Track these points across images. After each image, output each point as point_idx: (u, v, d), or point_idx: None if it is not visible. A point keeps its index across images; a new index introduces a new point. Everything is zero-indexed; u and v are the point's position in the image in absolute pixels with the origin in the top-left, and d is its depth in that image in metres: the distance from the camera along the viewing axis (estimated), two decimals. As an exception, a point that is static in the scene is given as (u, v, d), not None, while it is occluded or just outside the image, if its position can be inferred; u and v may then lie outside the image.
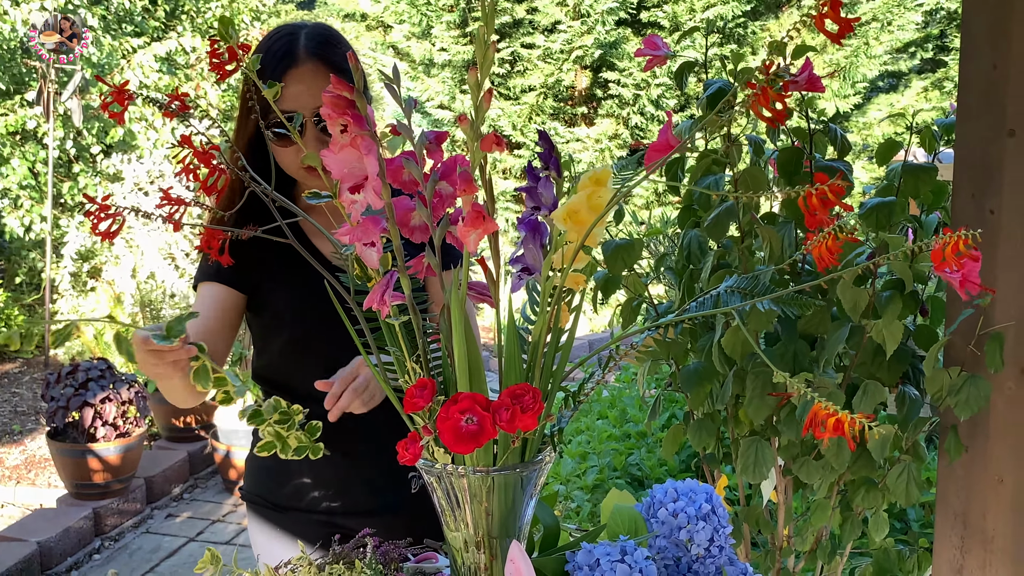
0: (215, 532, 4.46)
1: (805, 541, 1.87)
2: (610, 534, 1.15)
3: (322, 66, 1.63)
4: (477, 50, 0.92)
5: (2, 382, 6.48)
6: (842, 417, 0.83)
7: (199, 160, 1.15)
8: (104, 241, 1.17)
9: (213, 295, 1.72)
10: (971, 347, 1.61)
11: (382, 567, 1.19)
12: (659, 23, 10.42)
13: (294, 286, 1.71)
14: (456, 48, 10.50)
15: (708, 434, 1.86)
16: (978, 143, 1.65)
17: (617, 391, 5.21)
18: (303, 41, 1.64)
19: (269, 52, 1.63)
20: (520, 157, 10.35)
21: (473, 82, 0.93)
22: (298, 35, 1.65)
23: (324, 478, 1.78)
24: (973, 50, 1.65)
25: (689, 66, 1.82)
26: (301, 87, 1.60)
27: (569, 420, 1.08)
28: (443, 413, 0.86)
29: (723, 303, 0.99)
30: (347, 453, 1.73)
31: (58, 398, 4.30)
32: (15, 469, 4.96)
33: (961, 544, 1.72)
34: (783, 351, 1.70)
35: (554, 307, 1.00)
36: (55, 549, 4.00)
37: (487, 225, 0.93)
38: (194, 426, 5.25)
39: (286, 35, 1.65)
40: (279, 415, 1.09)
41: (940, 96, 11.05)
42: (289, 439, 1.14)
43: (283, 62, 1.60)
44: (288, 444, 1.14)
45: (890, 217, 1.64)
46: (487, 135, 0.93)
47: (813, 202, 0.83)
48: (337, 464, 1.70)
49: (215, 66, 1.17)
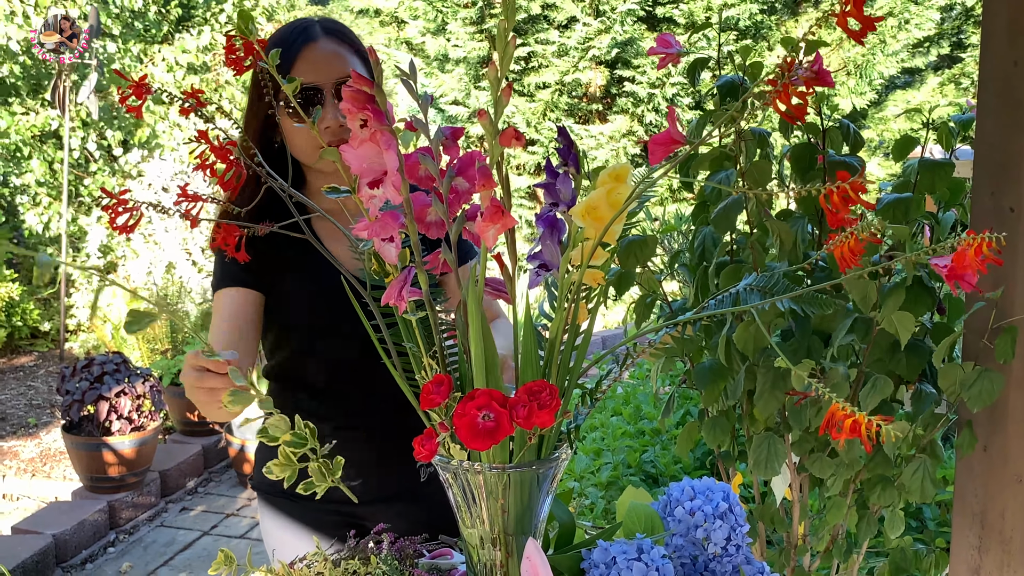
0: (229, 526, 4.48)
1: (821, 539, 1.86)
2: (626, 532, 1.14)
3: (337, 41, 1.67)
4: (498, 45, 0.92)
5: (17, 375, 6.51)
6: (859, 419, 0.82)
7: (216, 155, 1.15)
8: (121, 235, 1.17)
9: (235, 299, 1.71)
10: (984, 341, 1.61)
11: (397, 562, 1.19)
12: (674, 19, 10.40)
13: (308, 283, 1.72)
14: (471, 44, 10.49)
15: (723, 431, 1.85)
16: (998, 140, 1.64)
17: (631, 388, 5.20)
18: (318, 24, 1.69)
19: (284, 33, 1.67)
20: (534, 154, 10.34)
21: (493, 77, 0.92)
22: (312, 21, 1.70)
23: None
24: (993, 46, 1.64)
25: (702, 62, 1.81)
26: (319, 59, 1.63)
27: (586, 417, 1.07)
28: (460, 409, 0.86)
29: (743, 301, 0.98)
30: (362, 438, 1.74)
31: (73, 392, 4.32)
32: (30, 462, 4.99)
33: (979, 544, 1.71)
34: (796, 347, 1.69)
35: (573, 304, 0.99)
36: (70, 542, 4.02)
37: (506, 220, 0.93)
38: (208, 420, 5.26)
39: (300, 21, 1.70)
40: (293, 436, 1.03)
41: (956, 92, 10.99)
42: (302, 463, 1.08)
43: (300, 39, 1.64)
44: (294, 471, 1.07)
45: (907, 213, 1.63)
46: (506, 130, 0.93)
47: (835, 200, 0.82)
48: (348, 450, 1.70)
49: (231, 61, 1.17)
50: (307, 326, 1.75)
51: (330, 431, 1.71)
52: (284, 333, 1.79)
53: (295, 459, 1.03)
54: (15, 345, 7.06)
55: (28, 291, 7.13)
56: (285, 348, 1.80)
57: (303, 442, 1.02)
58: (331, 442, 1.10)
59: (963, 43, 11.42)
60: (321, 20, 1.71)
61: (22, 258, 7.44)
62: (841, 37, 10.24)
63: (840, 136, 1.75)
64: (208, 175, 1.12)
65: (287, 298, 1.73)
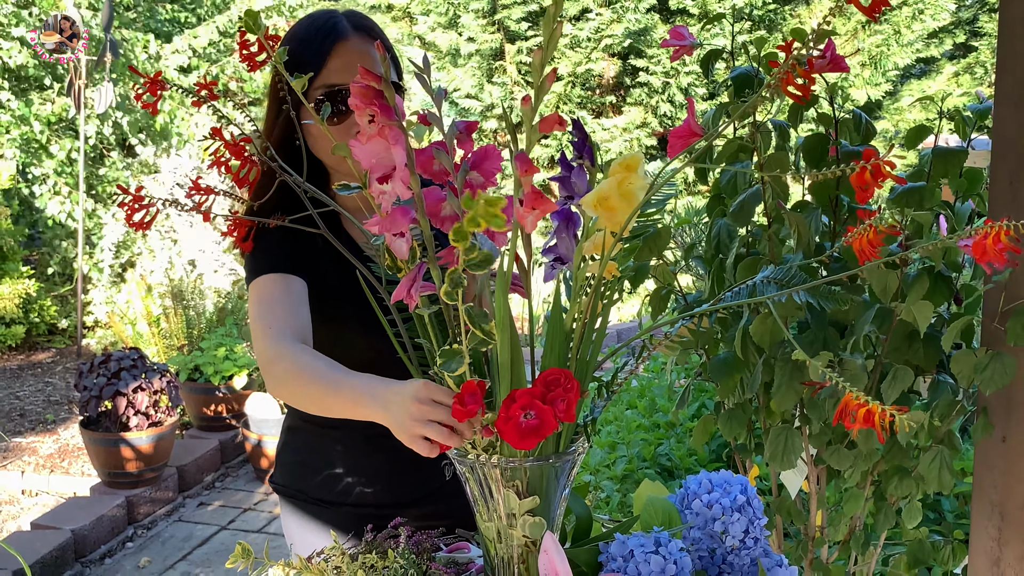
0: (247, 521, 4.50)
1: (838, 531, 1.86)
2: (643, 525, 1.14)
3: (368, 38, 1.62)
4: (544, 29, 0.91)
5: (35, 372, 6.56)
6: (873, 408, 0.82)
7: (230, 152, 1.15)
8: (138, 232, 1.17)
9: (284, 286, 1.58)
10: (995, 324, 1.60)
11: (415, 556, 1.19)
12: (687, 10, 10.36)
13: (339, 273, 1.66)
14: (484, 37, 10.47)
15: (739, 424, 1.85)
16: (1015, 128, 1.62)
17: (646, 381, 5.19)
18: (345, 19, 1.63)
19: (312, 30, 1.61)
20: (548, 147, 10.32)
21: (537, 63, 0.92)
22: (338, 14, 1.64)
23: (359, 468, 1.76)
24: (1010, 35, 1.63)
25: (716, 53, 1.80)
26: (351, 59, 1.58)
27: (602, 410, 1.07)
28: (503, 414, 0.86)
29: (759, 293, 0.98)
30: (383, 445, 1.72)
31: (91, 387, 4.35)
32: (49, 458, 5.02)
33: (998, 536, 1.70)
34: (813, 338, 1.68)
35: (592, 296, 0.99)
36: (89, 537, 4.05)
37: (546, 205, 0.92)
38: (225, 415, 5.28)
39: (325, 13, 1.64)
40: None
41: (971, 81, 10.91)
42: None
43: (331, 36, 1.59)
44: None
45: (921, 202, 1.62)
46: (549, 115, 0.93)
47: (867, 177, 0.82)
48: (371, 454, 1.69)
49: (245, 57, 1.17)
50: (336, 317, 1.68)
51: (362, 439, 1.70)
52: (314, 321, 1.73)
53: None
54: (33, 342, 7.10)
55: (45, 288, 7.17)
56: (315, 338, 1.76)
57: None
58: None
59: (978, 32, 11.34)
60: (347, 14, 1.65)
61: (39, 255, 7.48)
62: (856, 26, 10.19)
63: (853, 126, 1.74)
64: (223, 172, 1.12)
65: (320, 287, 1.67)
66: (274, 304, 1.55)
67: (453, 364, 0.91)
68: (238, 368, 5.26)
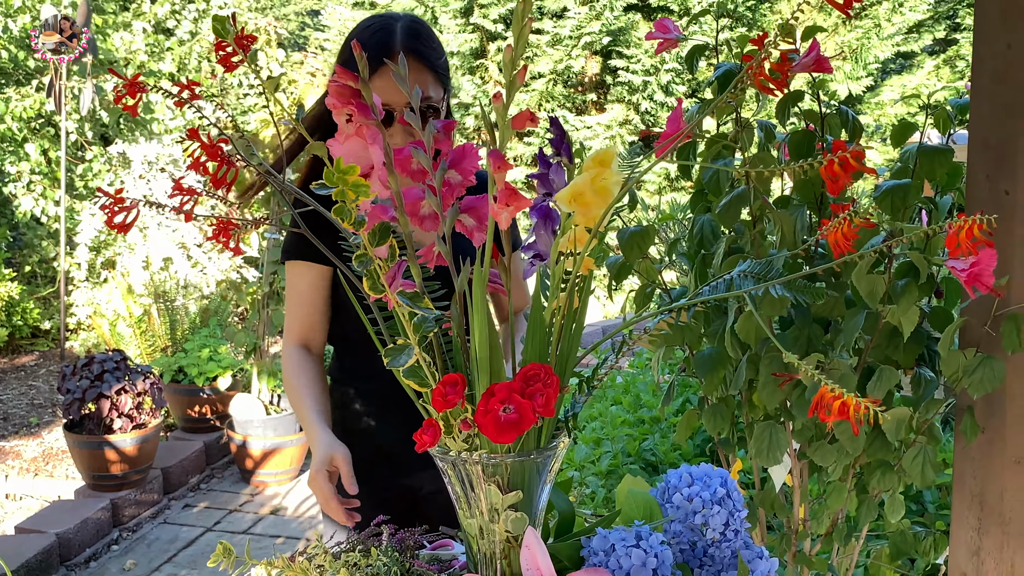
0: (232, 522, 4.49)
1: (821, 524, 1.87)
2: (625, 519, 1.15)
3: (417, 60, 1.67)
4: (514, 27, 0.92)
5: (19, 375, 6.52)
6: (848, 400, 0.82)
7: (207, 153, 1.15)
8: (119, 232, 1.17)
9: (305, 276, 1.80)
10: (987, 328, 1.60)
11: (398, 554, 1.20)
12: (668, 7, 10.37)
13: None
14: (462, 37, 10.46)
15: (722, 419, 1.86)
16: (992, 123, 1.63)
17: (631, 377, 5.21)
18: (399, 36, 1.68)
19: (366, 36, 1.68)
20: (530, 144, 10.33)
21: (508, 60, 0.92)
22: (394, 28, 1.69)
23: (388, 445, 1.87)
24: (987, 30, 1.64)
25: (700, 50, 1.81)
26: (392, 82, 1.63)
27: (583, 405, 1.08)
28: (482, 407, 0.87)
29: (736, 287, 0.98)
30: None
31: (74, 390, 4.33)
32: (33, 461, 5.00)
33: (978, 525, 1.72)
34: (797, 335, 1.69)
35: (569, 292, 0.99)
36: (74, 540, 4.03)
37: (520, 201, 0.93)
38: (209, 416, 5.27)
39: (382, 28, 1.69)
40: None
41: (952, 75, 10.97)
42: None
43: (380, 53, 1.62)
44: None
45: (905, 200, 1.63)
46: (521, 112, 0.93)
47: (835, 169, 0.83)
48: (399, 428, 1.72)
49: (222, 59, 1.17)
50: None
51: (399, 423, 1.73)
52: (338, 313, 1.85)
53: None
54: (16, 345, 7.06)
55: (28, 290, 7.13)
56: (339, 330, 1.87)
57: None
58: None
59: (958, 25, 11.41)
60: (403, 26, 1.70)
61: (20, 256, 7.43)
62: (836, 23, 10.23)
63: (839, 123, 1.75)
64: (201, 172, 1.12)
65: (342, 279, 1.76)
66: (294, 299, 1.83)
67: (402, 358, 0.93)
68: (222, 369, 5.25)
